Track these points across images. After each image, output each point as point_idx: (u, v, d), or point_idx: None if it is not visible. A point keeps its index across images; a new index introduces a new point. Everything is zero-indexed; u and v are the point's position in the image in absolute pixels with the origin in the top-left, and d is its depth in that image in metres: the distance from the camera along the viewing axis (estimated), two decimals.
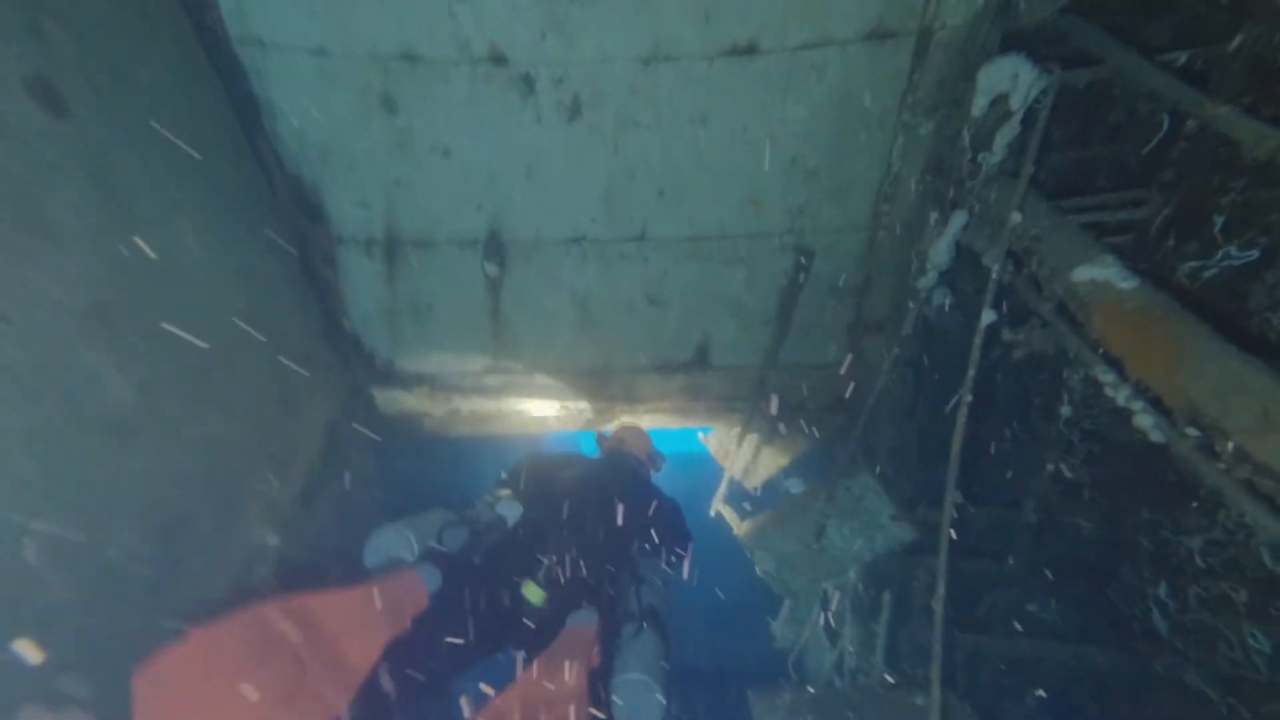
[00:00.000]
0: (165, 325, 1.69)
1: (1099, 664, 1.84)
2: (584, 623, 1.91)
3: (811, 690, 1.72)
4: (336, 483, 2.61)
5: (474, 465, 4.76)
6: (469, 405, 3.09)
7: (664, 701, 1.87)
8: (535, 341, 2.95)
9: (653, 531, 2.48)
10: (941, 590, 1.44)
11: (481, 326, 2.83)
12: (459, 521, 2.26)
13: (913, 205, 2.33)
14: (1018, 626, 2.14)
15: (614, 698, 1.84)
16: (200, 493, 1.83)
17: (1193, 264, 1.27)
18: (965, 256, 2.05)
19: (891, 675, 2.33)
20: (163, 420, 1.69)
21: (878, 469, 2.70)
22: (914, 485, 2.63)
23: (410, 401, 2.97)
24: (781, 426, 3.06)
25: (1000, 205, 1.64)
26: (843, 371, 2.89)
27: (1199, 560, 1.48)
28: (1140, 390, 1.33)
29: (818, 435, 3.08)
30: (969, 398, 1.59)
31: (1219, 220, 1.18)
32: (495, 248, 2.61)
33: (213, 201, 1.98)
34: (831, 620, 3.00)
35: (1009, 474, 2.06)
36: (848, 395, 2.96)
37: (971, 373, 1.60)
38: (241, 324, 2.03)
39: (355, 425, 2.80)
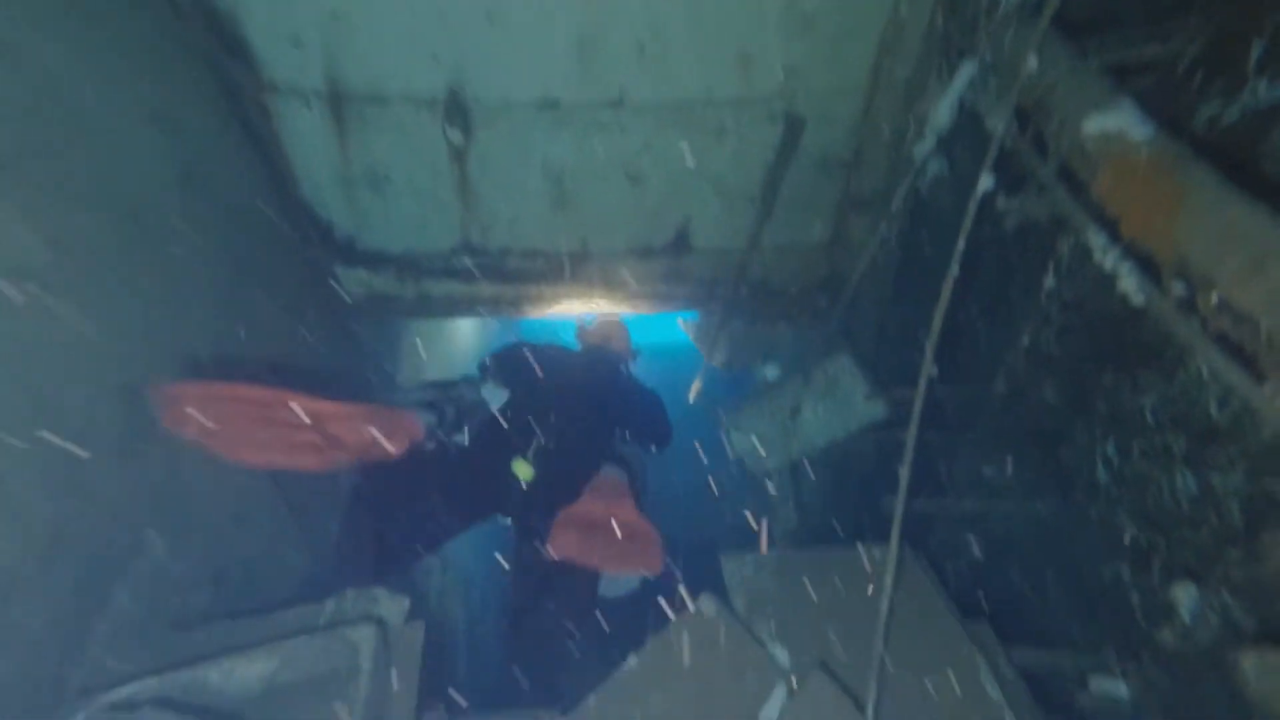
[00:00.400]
0: (71, 171, 1.51)
1: (1042, 514, 1.99)
2: (615, 473, 2.12)
3: (777, 553, 1.84)
4: (305, 363, 2.55)
5: (450, 347, 4.76)
6: (440, 288, 2.97)
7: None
8: (507, 220, 2.78)
9: (633, 423, 2.62)
10: (909, 457, 1.49)
11: (448, 202, 2.64)
12: (444, 400, 2.34)
13: (916, 59, 2.11)
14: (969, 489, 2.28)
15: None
16: (154, 359, 1.75)
17: (1214, 107, 1.17)
18: (966, 121, 1.90)
19: (853, 538, 2.51)
20: (89, 279, 1.55)
21: (855, 350, 2.71)
22: (892, 366, 2.66)
23: (377, 283, 2.84)
24: (762, 311, 3.03)
25: (1016, 47, 1.48)
26: (825, 252, 2.81)
27: (1148, 417, 1.58)
28: (1131, 251, 1.29)
29: (798, 318, 3.06)
30: (956, 271, 1.54)
31: (1256, 50, 1.06)
32: (457, 109, 2.35)
33: (96, 22, 1.67)
34: (800, 493, 3.18)
35: (984, 350, 2.08)
36: (830, 276, 2.90)
37: (961, 244, 1.53)
38: (170, 181, 1.84)
39: (320, 306, 2.69)
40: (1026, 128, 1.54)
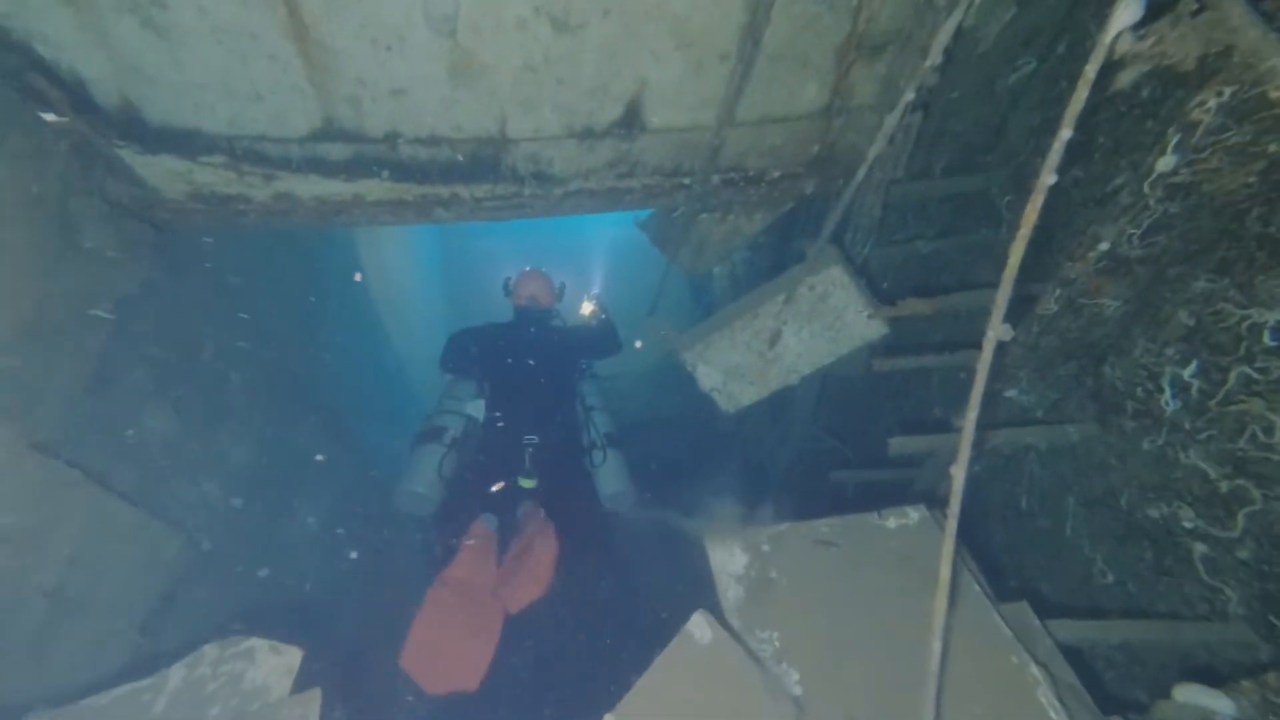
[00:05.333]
0: None
1: (1070, 438, 1.73)
2: (531, 507, 2.67)
3: (768, 530, 1.40)
4: (93, 299, 1.81)
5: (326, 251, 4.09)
6: (307, 186, 2.19)
7: (635, 494, 2.82)
8: (388, 91, 1.98)
9: (587, 352, 3.19)
10: (973, 412, 1.01)
11: (282, 57, 1.80)
12: (446, 450, 2.75)
13: None
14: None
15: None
16: None
17: None
18: None
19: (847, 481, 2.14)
20: None
21: (849, 255, 2.17)
22: (891, 270, 2.14)
23: (206, 177, 2.02)
24: (735, 201, 2.40)
25: None
26: (820, 121, 2.14)
27: (1266, 338, 1.24)
28: None
29: (779, 207, 2.44)
30: (1067, 137, 0.96)
31: None
32: None
33: None
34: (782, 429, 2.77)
35: (1032, 256, 1.60)
36: (823, 154, 2.25)
37: (1078, 108, 0.94)
38: None
39: (112, 208, 1.87)
40: None
